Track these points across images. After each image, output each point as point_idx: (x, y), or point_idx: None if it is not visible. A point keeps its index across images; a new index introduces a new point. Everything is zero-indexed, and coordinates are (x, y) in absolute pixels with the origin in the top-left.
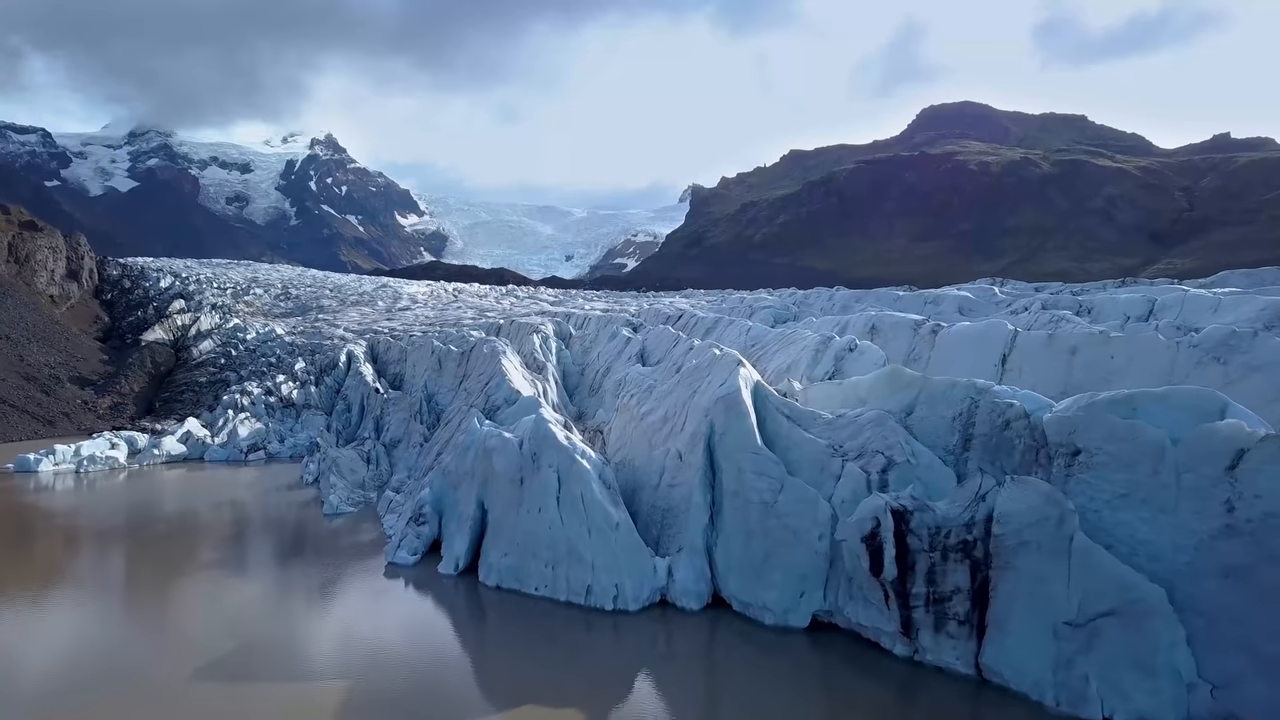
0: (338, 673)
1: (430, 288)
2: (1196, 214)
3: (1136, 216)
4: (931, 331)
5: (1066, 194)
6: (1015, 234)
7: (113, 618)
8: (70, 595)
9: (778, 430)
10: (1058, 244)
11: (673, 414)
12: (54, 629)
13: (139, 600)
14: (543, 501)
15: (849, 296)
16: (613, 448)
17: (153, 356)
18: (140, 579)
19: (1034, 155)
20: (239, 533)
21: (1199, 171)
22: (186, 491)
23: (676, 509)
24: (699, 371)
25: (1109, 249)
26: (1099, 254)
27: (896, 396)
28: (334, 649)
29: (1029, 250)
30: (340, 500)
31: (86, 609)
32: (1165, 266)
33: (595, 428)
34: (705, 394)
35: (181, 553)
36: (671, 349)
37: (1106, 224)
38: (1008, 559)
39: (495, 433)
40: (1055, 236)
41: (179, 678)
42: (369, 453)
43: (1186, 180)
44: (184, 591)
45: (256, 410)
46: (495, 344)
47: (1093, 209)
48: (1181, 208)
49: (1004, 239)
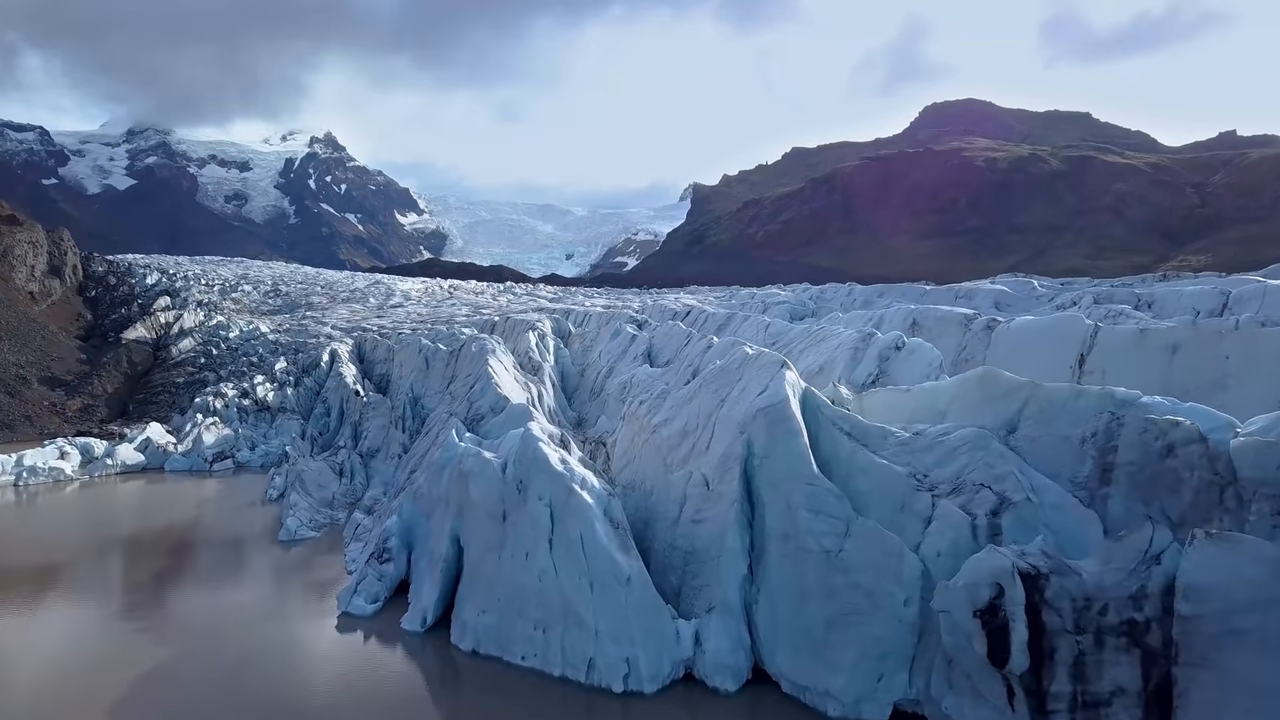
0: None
1: (425, 284)
2: (1209, 210)
3: (1148, 213)
4: (986, 327)
5: (1076, 191)
6: (1024, 231)
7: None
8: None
9: (836, 452)
10: (1068, 241)
11: (694, 427)
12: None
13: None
14: (531, 544)
15: (869, 292)
16: (618, 464)
17: (129, 356)
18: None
19: (1042, 151)
20: (167, 567)
21: (1210, 168)
22: (129, 509)
23: (703, 553)
24: (727, 375)
25: (1121, 246)
26: (1110, 251)
27: (992, 408)
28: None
29: (1038, 248)
30: (300, 523)
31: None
32: (1180, 264)
33: (597, 439)
34: (738, 404)
35: (81, 596)
36: (683, 347)
37: (1117, 221)
38: (1206, 653)
39: (473, 451)
40: (1065, 234)
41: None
42: (342, 464)
43: (1198, 177)
44: (61, 658)
45: (228, 414)
46: (485, 342)
47: (1103, 206)
48: (1194, 204)
49: (1012, 236)
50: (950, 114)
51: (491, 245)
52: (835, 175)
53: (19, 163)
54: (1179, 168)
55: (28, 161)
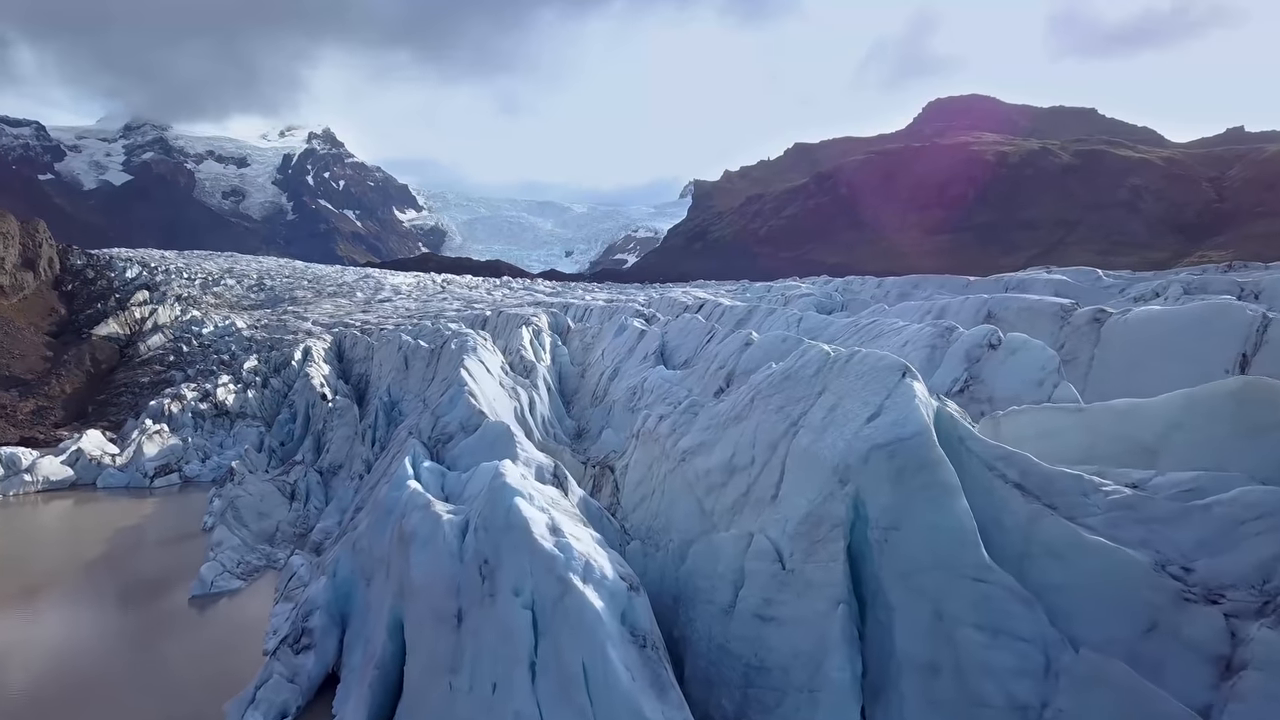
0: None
1: (417, 279)
2: (1228, 205)
3: (1163, 209)
4: (1093, 321)
5: (1088, 185)
6: (1035, 227)
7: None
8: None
9: (999, 516)
10: (1081, 237)
11: (747, 461)
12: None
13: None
14: (502, 671)
15: (902, 283)
16: (631, 498)
17: (93, 353)
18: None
19: (1052, 145)
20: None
21: (1224, 162)
22: (20, 542)
23: (780, 674)
24: (797, 385)
25: (1136, 242)
26: (1125, 247)
27: (1261, 446)
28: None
29: (1050, 243)
30: (221, 570)
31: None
32: (1199, 260)
33: (602, 460)
34: (829, 432)
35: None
36: (704, 345)
37: (1132, 216)
38: None
39: (420, 501)
40: (1078, 230)
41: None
42: (295, 484)
43: (1213, 171)
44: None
45: (181, 419)
46: (466, 339)
47: (1117, 201)
48: (1210, 199)
49: (1023, 232)
50: (954, 109)
51: (491, 242)
52: (840, 170)
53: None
54: (1192, 162)
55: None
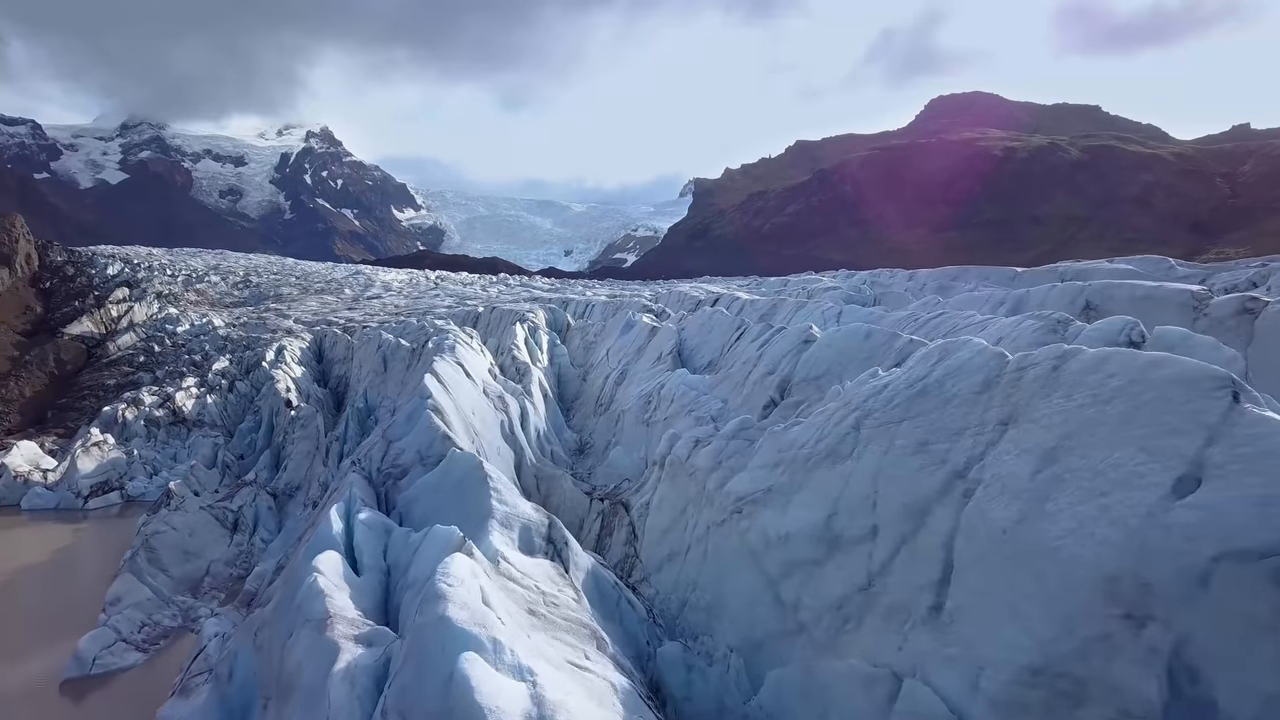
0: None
1: (409, 275)
2: (1243, 201)
3: (1176, 205)
4: (1242, 310)
5: (1098, 182)
6: (1045, 224)
7: None
8: None
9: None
10: (1092, 234)
11: (861, 527)
12: None
13: None
14: None
15: (939, 275)
16: (653, 551)
17: (58, 353)
18: None
19: (1061, 141)
20: None
21: (1236, 158)
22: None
23: None
24: (947, 405)
25: (1149, 239)
26: (1138, 244)
27: None
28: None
29: (1060, 240)
30: (109, 640)
31: None
32: (1219, 256)
33: (613, 494)
34: (1060, 501)
35: None
36: (733, 344)
37: (1144, 212)
38: None
39: (318, 608)
40: (1089, 226)
41: None
42: (240, 511)
43: (1225, 167)
44: None
45: (134, 429)
46: (445, 337)
47: (1128, 197)
48: (1224, 195)
49: (1033, 229)
50: (956, 106)
51: (489, 241)
52: (843, 167)
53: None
54: (1203, 158)
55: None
